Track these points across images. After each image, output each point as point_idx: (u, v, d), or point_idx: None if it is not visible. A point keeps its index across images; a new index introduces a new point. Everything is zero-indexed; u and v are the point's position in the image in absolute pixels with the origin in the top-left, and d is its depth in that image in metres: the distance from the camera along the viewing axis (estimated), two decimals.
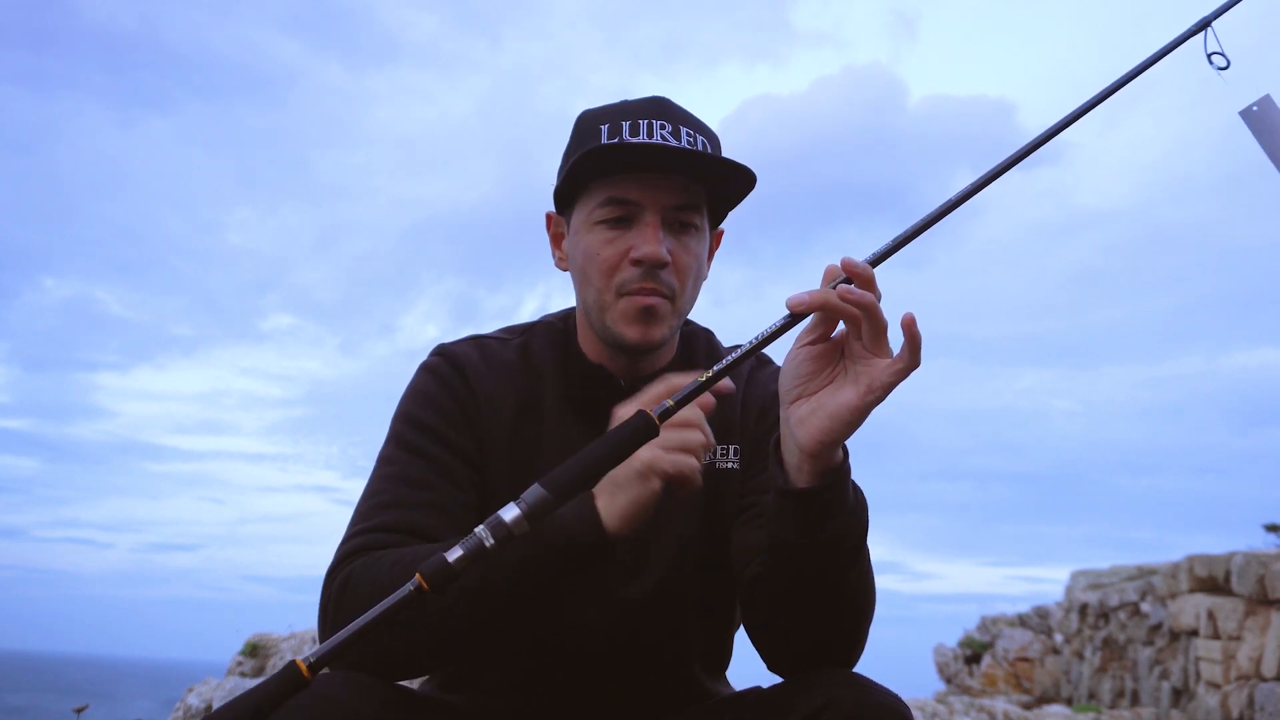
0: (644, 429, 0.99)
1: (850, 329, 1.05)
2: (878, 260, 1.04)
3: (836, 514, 1.09)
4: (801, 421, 1.06)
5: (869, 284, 1.01)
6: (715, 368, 1.01)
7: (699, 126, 1.34)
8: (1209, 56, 1.28)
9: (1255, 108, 1.30)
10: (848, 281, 1.02)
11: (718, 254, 1.44)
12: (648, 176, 1.29)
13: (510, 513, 0.95)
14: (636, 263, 1.28)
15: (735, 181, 1.32)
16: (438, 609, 1.08)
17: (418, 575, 0.91)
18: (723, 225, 1.44)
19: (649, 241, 1.27)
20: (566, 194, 1.36)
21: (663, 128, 1.29)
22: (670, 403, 0.99)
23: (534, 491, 0.96)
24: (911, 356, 1.01)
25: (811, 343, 1.07)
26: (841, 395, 1.04)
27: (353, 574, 1.18)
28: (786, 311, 1.02)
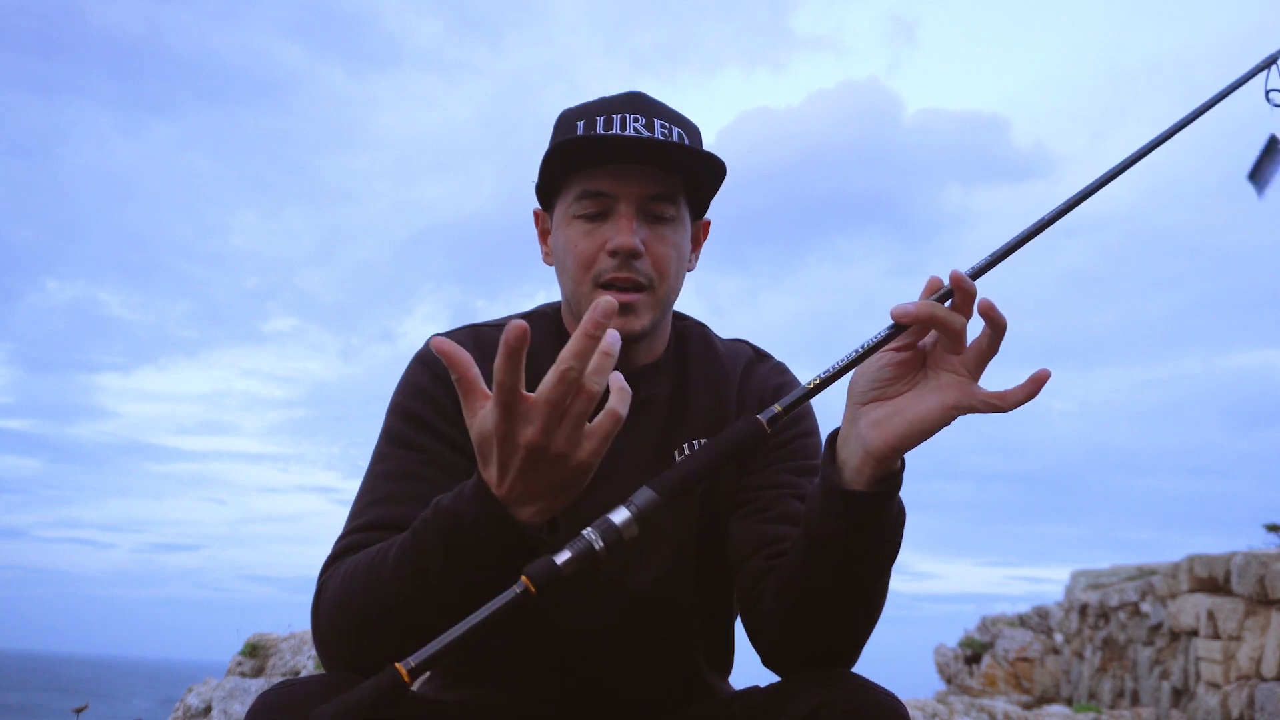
0: (752, 433, 0.99)
1: (947, 343, 1.05)
2: (978, 273, 1.05)
3: (886, 520, 1.09)
4: (877, 424, 1.05)
5: (971, 300, 1.02)
6: (820, 375, 1.02)
7: (674, 118, 1.36)
8: (1267, 94, 1.30)
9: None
10: (949, 294, 1.03)
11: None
12: (621, 168, 1.31)
13: (620, 515, 0.94)
14: (612, 253, 1.30)
15: (705, 171, 1.34)
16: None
17: (524, 578, 0.90)
18: (710, 217, 1.45)
19: (622, 232, 1.29)
20: (546, 190, 1.39)
21: (636, 120, 1.32)
22: (778, 408, 1.00)
23: (643, 493, 0.95)
24: (1007, 403, 1.03)
25: (898, 349, 1.07)
26: (924, 404, 1.04)
27: (328, 583, 1.18)
28: (890, 322, 1.03)
